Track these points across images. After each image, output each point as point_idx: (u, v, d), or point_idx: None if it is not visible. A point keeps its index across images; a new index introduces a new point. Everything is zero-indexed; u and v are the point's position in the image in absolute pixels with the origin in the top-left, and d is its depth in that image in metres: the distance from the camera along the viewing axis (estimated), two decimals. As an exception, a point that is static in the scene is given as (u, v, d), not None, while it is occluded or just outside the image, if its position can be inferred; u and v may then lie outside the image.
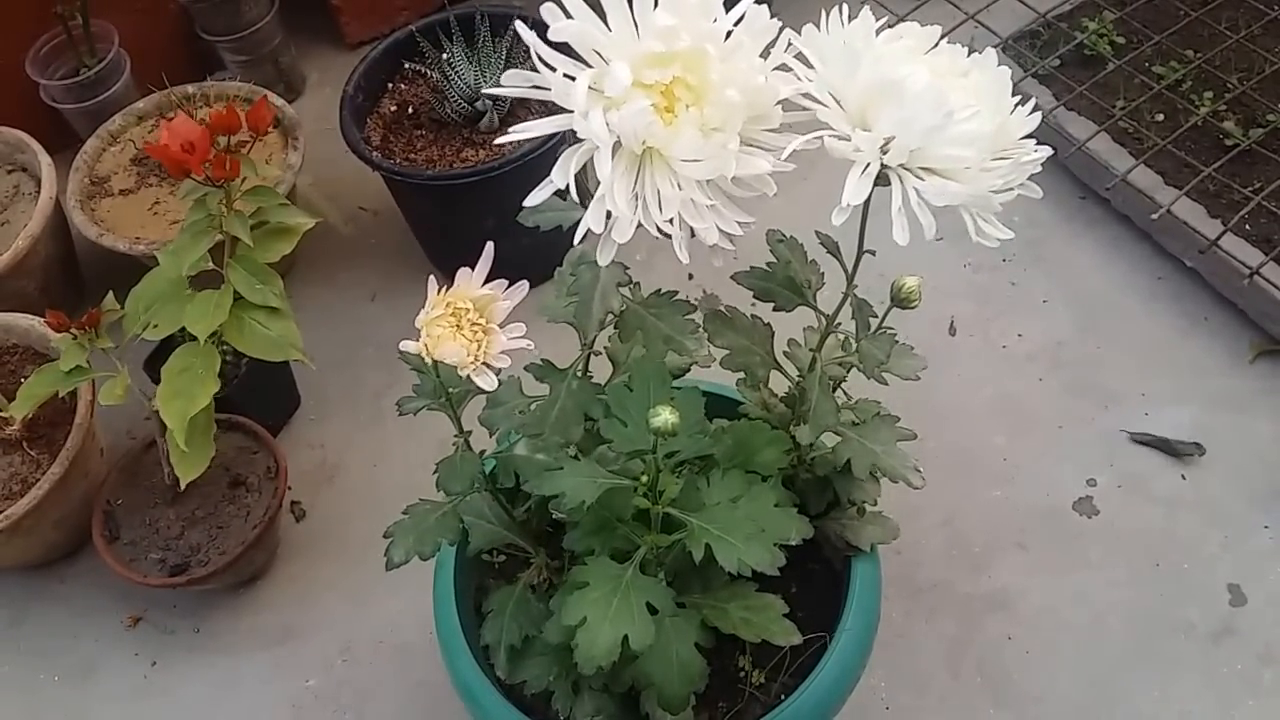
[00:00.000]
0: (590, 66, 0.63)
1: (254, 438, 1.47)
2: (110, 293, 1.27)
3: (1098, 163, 1.66)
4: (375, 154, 1.57)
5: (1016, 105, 0.69)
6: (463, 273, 0.76)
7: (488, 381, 0.76)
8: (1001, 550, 1.42)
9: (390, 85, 1.71)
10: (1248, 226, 1.55)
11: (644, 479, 0.77)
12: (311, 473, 1.59)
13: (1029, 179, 0.69)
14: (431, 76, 1.64)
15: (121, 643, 1.46)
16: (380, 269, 1.80)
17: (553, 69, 0.62)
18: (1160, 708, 1.28)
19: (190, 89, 1.77)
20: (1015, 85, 0.68)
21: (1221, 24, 1.77)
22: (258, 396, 1.53)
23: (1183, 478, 1.45)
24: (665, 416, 0.71)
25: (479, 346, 0.75)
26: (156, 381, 1.35)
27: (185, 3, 1.90)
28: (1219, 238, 1.52)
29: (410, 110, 1.67)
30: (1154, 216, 1.57)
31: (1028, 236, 1.70)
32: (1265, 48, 1.74)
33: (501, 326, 0.77)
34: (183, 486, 1.26)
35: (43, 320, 1.46)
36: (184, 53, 2.00)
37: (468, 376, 0.76)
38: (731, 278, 0.90)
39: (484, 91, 1.58)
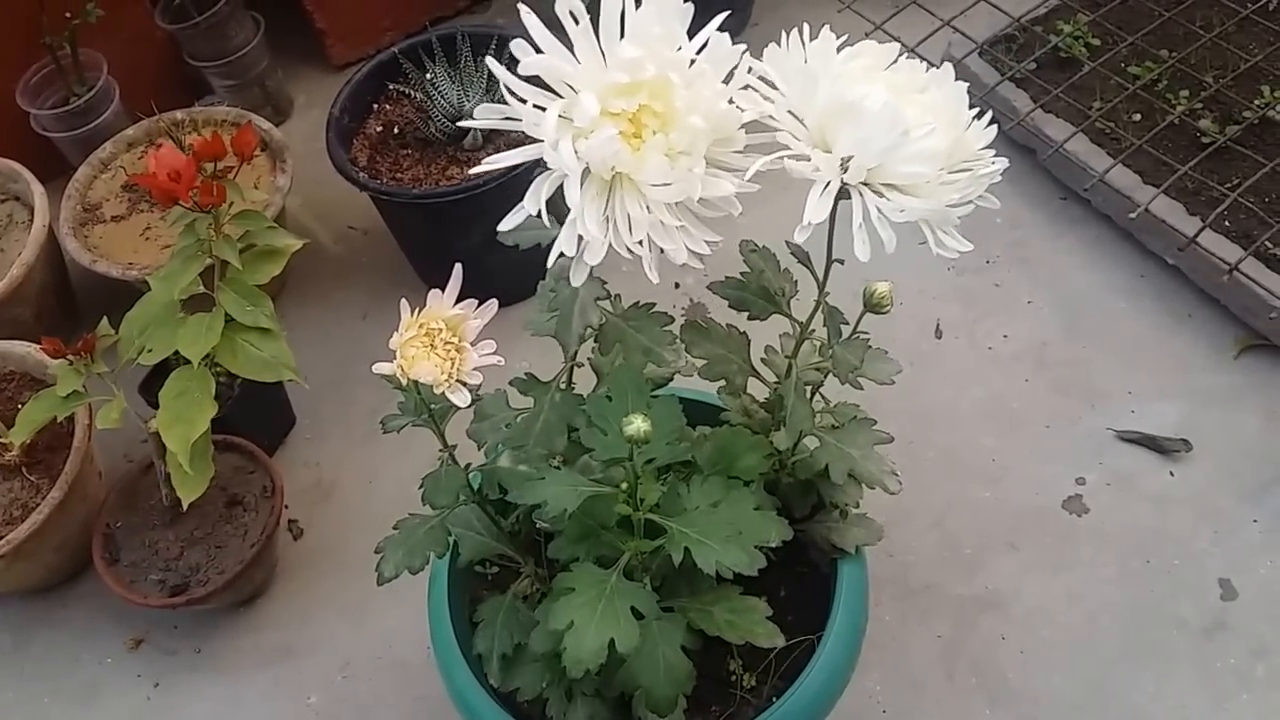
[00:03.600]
0: (560, 97, 0.65)
1: (250, 457, 1.49)
2: (105, 318, 1.29)
3: (1076, 163, 1.67)
4: (362, 174, 1.59)
5: (974, 118, 0.70)
6: (434, 294, 0.79)
7: (462, 398, 0.78)
8: (992, 550, 1.42)
9: (375, 106, 1.73)
10: (1226, 223, 1.56)
11: (624, 486, 0.79)
12: (308, 491, 1.60)
13: (988, 191, 0.70)
14: (415, 97, 1.66)
15: (124, 665, 1.47)
16: (371, 287, 1.82)
17: (523, 101, 0.64)
18: (1155, 704, 1.28)
19: (179, 114, 1.79)
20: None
21: (1195, 23, 1.78)
22: (253, 416, 1.54)
23: (1171, 474, 1.46)
24: (638, 425, 0.73)
25: (452, 365, 0.77)
26: (152, 404, 1.37)
27: (172, 29, 1.91)
28: (1198, 235, 1.52)
29: (396, 130, 1.69)
30: (1133, 215, 1.58)
31: (1010, 238, 1.72)
32: (1239, 45, 1.75)
33: (473, 344, 0.79)
34: (185, 507, 1.27)
35: (39, 347, 1.48)
36: (172, 79, 2.03)
37: (443, 394, 0.78)
38: (708, 288, 0.92)
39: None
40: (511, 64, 0.65)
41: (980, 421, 1.55)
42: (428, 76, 1.62)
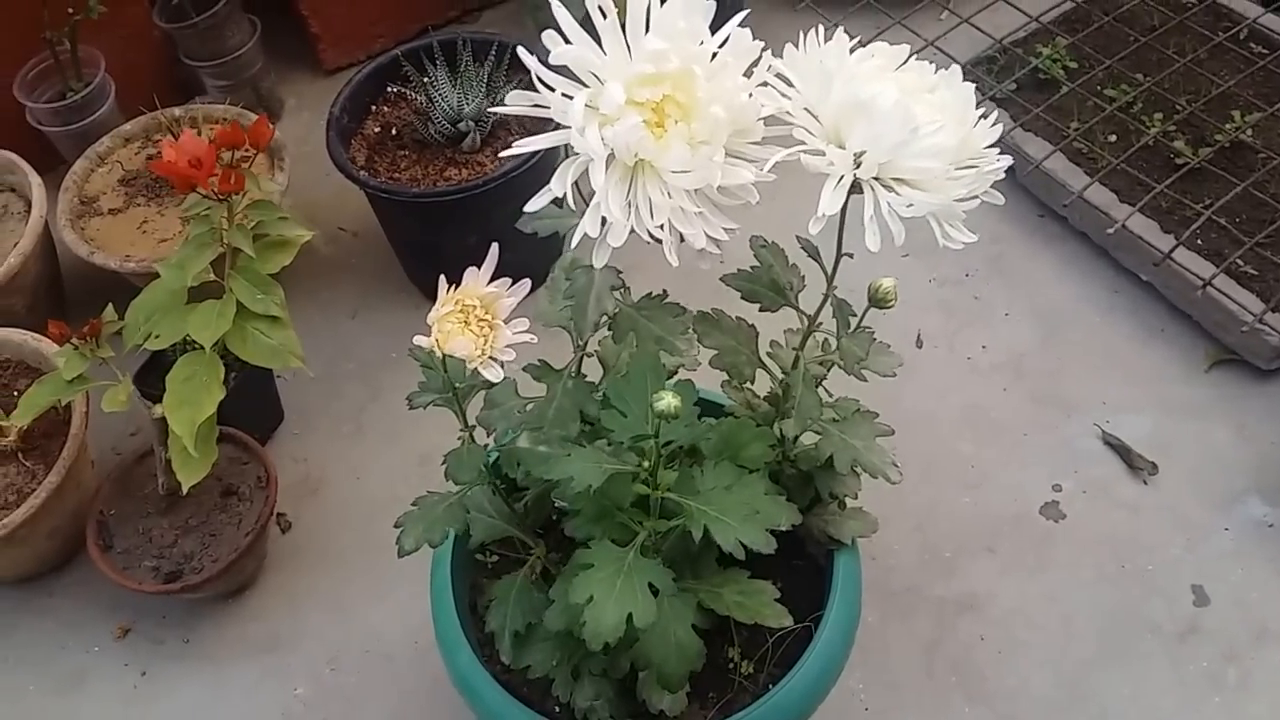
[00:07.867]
0: (586, 86, 0.68)
1: (244, 448, 1.50)
2: (110, 305, 1.30)
3: (1055, 181, 1.72)
4: (362, 173, 1.60)
5: (979, 118, 0.74)
6: (470, 272, 0.81)
7: (494, 373, 0.81)
8: (971, 554, 1.46)
9: (374, 107, 1.74)
10: (1199, 240, 1.61)
11: (645, 465, 0.81)
12: (296, 485, 1.61)
13: (991, 187, 0.74)
14: (415, 99, 1.68)
15: (111, 653, 1.47)
16: (359, 288, 1.83)
17: (552, 89, 0.68)
18: (1129, 705, 1.32)
19: (178, 111, 1.80)
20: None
21: (1169, 48, 1.84)
22: (245, 410, 1.55)
23: (1145, 482, 1.50)
24: (669, 400, 0.76)
25: (486, 341, 0.80)
26: (147, 395, 1.38)
27: (169, 29, 1.92)
28: (1172, 251, 1.57)
29: (394, 131, 1.71)
30: (1110, 232, 1.63)
31: (990, 252, 1.76)
32: (1211, 71, 1.80)
33: (506, 322, 0.82)
34: (185, 491, 1.28)
35: (35, 335, 1.49)
36: (166, 78, 2.04)
37: (474, 370, 0.80)
38: (721, 279, 0.95)
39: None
40: (540, 56, 0.68)
41: (960, 429, 1.58)
42: (427, 80, 1.64)
